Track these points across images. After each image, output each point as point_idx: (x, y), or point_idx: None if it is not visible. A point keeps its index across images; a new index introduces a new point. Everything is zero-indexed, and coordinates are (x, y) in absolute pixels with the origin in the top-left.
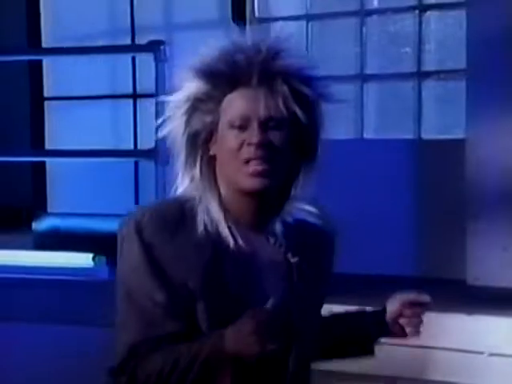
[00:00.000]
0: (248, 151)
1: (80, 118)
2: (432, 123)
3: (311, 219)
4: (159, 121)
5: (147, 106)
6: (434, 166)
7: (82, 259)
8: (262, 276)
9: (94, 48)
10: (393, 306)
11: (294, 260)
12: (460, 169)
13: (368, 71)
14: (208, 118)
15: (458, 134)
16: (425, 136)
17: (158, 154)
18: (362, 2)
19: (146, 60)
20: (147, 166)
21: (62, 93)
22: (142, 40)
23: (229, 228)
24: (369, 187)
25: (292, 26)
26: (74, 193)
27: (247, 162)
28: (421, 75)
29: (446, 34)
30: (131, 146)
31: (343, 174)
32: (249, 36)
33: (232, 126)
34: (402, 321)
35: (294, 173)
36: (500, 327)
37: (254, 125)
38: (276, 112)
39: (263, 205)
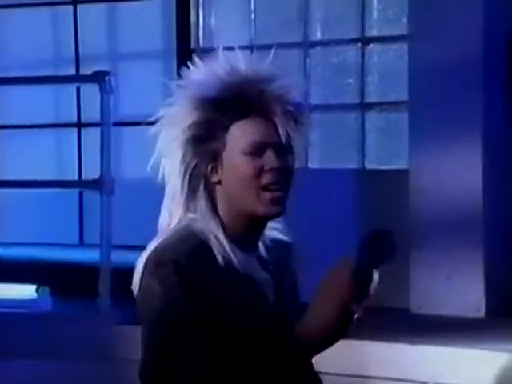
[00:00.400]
0: (268, 177)
1: (24, 148)
2: (375, 153)
3: (279, 236)
4: (154, 153)
5: (92, 136)
6: (378, 196)
7: (25, 291)
8: (259, 293)
9: (38, 78)
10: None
11: (278, 273)
12: (403, 198)
13: (312, 102)
14: (211, 148)
15: (401, 165)
16: (368, 166)
17: (104, 184)
18: (306, 34)
19: (90, 89)
20: (92, 195)
21: (6, 121)
22: (86, 69)
23: (234, 254)
24: (313, 216)
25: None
26: (17, 222)
27: (265, 188)
28: (364, 106)
29: (388, 67)
30: (76, 176)
31: (288, 203)
32: (242, 62)
33: (246, 154)
34: None
35: None
36: (443, 356)
37: (271, 151)
38: (288, 137)
39: (259, 227)
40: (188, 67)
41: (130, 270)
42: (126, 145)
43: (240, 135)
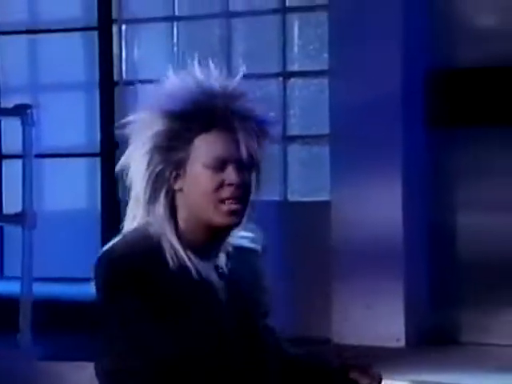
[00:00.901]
0: (226, 192)
1: None
2: (298, 186)
3: (247, 244)
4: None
5: (14, 169)
6: (300, 227)
7: None
8: (214, 300)
9: None
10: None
11: (235, 279)
12: (325, 230)
13: None
14: (175, 157)
15: (324, 197)
16: (291, 198)
17: (26, 217)
18: (229, 67)
19: (12, 121)
20: (13, 229)
21: None
22: (7, 101)
23: (188, 259)
24: None
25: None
26: None
27: (222, 201)
28: (286, 139)
29: (309, 101)
30: None
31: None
32: (211, 78)
33: (207, 167)
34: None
35: None
36: None
37: (231, 166)
38: (249, 153)
39: (218, 236)
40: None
41: (51, 303)
42: (48, 177)
43: (203, 148)
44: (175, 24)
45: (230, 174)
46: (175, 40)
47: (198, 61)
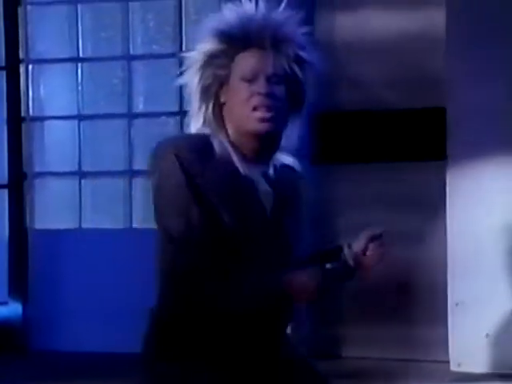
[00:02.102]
0: (256, 100)
1: None
2: None
3: (291, 165)
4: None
5: None
6: None
7: None
8: (258, 198)
9: None
10: (359, 243)
11: (276, 192)
12: None
13: (135, 167)
14: (221, 72)
15: None
16: None
17: None
18: (130, 105)
19: None
20: None
21: None
22: None
23: (238, 161)
24: (138, 276)
25: (65, 125)
26: None
27: (255, 109)
28: None
29: None
30: None
31: (110, 261)
32: (259, 5)
33: (243, 80)
34: (369, 253)
35: (285, 124)
36: None
37: (262, 79)
38: (279, 70)
39: (263, 145)
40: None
41: None
42: None
43: (241, 64)
44: (79, 65)
45: (260, 85)
46: (79, 79)
47: None
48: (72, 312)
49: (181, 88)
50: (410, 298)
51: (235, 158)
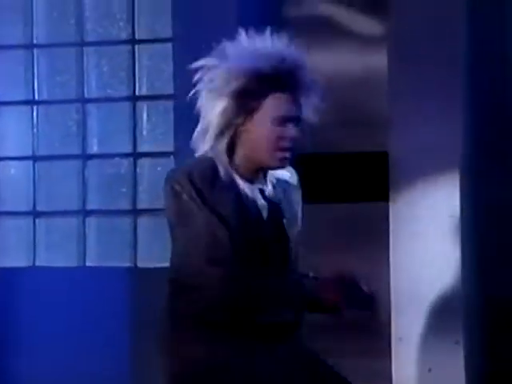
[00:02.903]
0: (284, 143)
1: None
2: (147, 253)
3: (287, 178)
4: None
5: None
6: (149, 292)
7: None
8: (259, 213)
9: None
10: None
11: (275, 201)
12: None
13: (88, 207)
14: (249, 107)
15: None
16: (140, 264)
17: None
18: (84, 146)
19: None
20: None
21: None
22: None
23: (238, 182)
24: (92, 314)
25: (20, 166)
26: None
27: (280, 149)
28: (136, 212)
29: (157, 177)
30: None
31: (63, 298)
32: (279, 44)
33: (274, 121)
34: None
35: None
36: None
37: (291, 123)
38: (301, 113)
39: (265, 171)
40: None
41: None
42: None
43: (275, 105)
44: (35, 107)
45: (290, 130)
46: (35, 121)
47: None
48: (24, 350)
49: (134, 130)
50: (355, 330)
51: (239, 182)
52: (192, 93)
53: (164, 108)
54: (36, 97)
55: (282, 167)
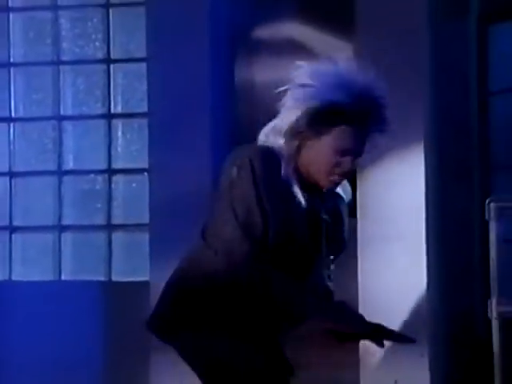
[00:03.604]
0: (340, 171)
1: None
2: (121, 267)
3: (339, 191)
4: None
5: None
6: (122, 305)
7: None
8: (314, 223)
9: None
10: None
11: (326, 217)
12: (144, 309)
13: (64, 223)
14: (318, 128)
15: (144, 277)
16: (115, 278)
17: None
18: (60, 163)
19: None
20: None
21: None
22: None
23: (296, 187)
24: (67, 327)
25: None
26: None
27: (334, 174)
28: (111, 227)
29: (132, 194)
30: None
31: (40, 312)
32: (358, 76)
33: (336, 151)
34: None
35: None
36: None
37: (350, 156)
38: (364, 148)
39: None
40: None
41: None
42: None
43: (341, 137)
44: (11, 124)
45: (348, 162)
46: (11, 138)
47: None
48: (1, 364)
49: (109, 147)
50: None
51: (294, 184)
52: (281, 89)
53: (138, 126)
54: (13, 114)
55: (329, 190)
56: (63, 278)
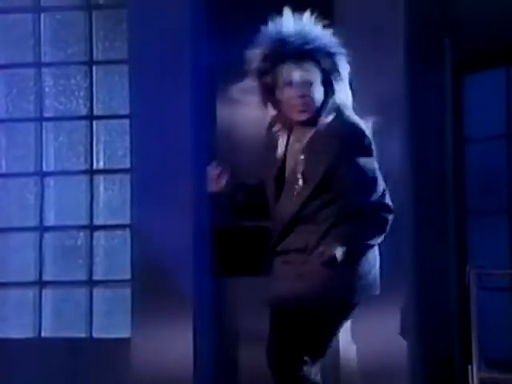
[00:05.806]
0: (300, 102)
1: None
2: (102, 324)
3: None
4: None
5: None
6: (103, 361)
7: None
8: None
9: None
10: None
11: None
12: (125, 365)
13: (44, 279)
14: (270, 76)
15: (125, 334)
16: (95, 335)
17: None
18: (41, 218)
19: None
20: None
21: None
22: None
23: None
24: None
25: None
26: None
27: (296, 104)
28: (93, 283)
29: (113, 249)
30: None
31: (18, 369)
32: (292, 26)
33: (286, 85)
34: None
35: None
36: None
37: (302, 85)
38: (307, 77)
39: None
40: None
41: None
42: None
43: (285, 74)
44: None
45: (301, 90)
46: None
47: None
48: None
49: (91, 202)
50: None
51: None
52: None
53: (120, 181)
54: None
55: (302, 118)
56: (43, 335)
